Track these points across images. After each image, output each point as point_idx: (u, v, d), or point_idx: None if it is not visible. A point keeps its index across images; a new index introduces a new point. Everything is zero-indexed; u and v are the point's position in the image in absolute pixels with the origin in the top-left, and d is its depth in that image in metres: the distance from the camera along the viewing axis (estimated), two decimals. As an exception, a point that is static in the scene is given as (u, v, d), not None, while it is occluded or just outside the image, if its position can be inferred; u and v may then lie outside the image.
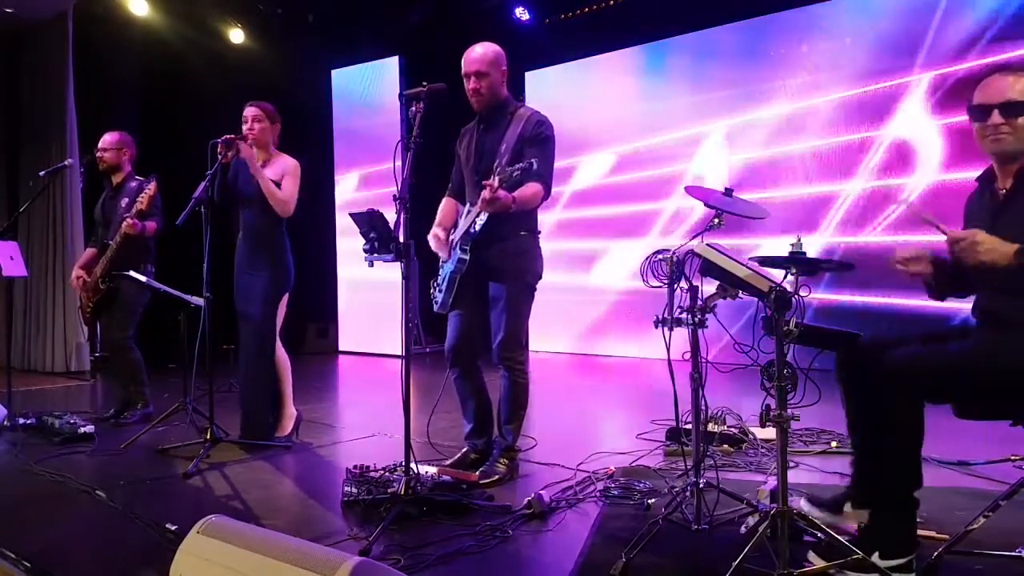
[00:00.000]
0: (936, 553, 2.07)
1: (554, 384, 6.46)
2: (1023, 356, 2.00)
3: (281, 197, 3.77)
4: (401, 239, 2.66)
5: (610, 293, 7.84)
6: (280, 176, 3.83)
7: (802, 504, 2.30)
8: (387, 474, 2.85)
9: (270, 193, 3.73)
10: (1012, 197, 2.16)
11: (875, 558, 2.01)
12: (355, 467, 2.91)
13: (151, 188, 4.30)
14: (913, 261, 2.29)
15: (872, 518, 2.16)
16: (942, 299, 2.35)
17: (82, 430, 3.99)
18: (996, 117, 2.15)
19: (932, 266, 2.28)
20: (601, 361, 7.67)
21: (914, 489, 2.08)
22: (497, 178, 2.85)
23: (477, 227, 3.09)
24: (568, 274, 8.06)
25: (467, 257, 3.14)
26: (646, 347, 7.39)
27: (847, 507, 2.39)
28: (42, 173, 4.81)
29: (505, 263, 3.16)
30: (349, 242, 8.62)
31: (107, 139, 4.64)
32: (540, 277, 3.29)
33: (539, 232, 3.31)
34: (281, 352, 3.91)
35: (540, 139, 3.14)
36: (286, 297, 3.89)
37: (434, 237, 3.32)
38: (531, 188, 3.04)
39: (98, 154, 4.62)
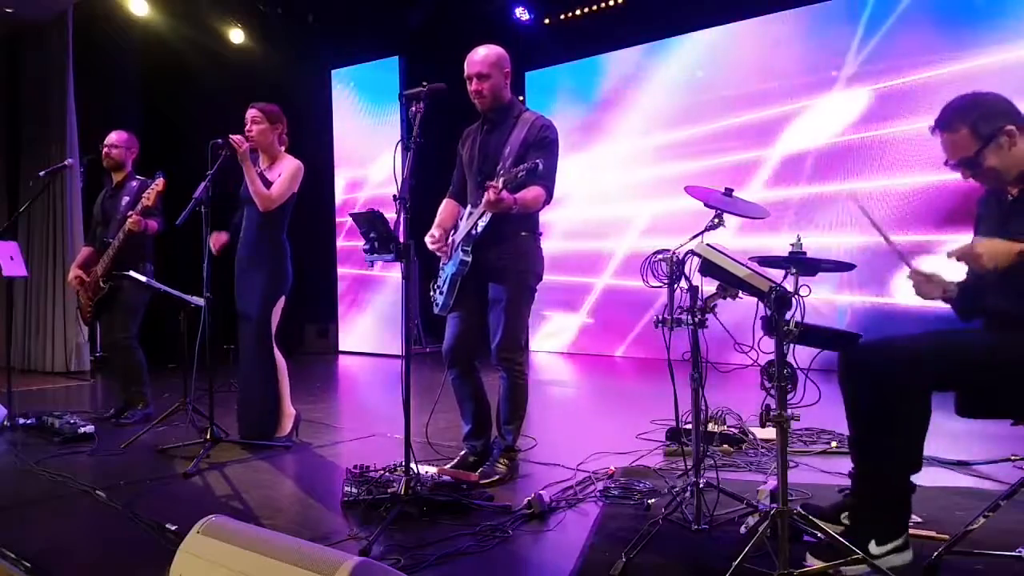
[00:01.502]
0: (936, 553, 2.08)
1: (554, 384, 6.46)
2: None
3: (264, 192, 3.72)
4: (401, 239, 2.66)
5: (612, 292, 7.84)
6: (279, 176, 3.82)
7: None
8: (387, 474, 2.85)
9: (254, 187, 3.70)
10: (1019, 203, 2.16)
11: (871, 546, 2.03)
12: (355, 467, 2.91)
13: (159, 184, 4.24)
14: (928, 282, 2.28)
15: (870, 504, 2.16)
16: (968, 321, 2.34)
17: (82, 430, 3.99)
18: (964, 172, 2.19)
19: (954, 290, 2.28)
20: (601, 361, 7.67)
21: (912, 473, 2.11)
22: (501, 179, 2.85)
23: (479, 229, 3.08)
24: (569, 273, 8.07)
25: (469, 259, 3.13)
26: (646, 347, 7.40)
27: (844, 517, 2.39)
28: (42, 173, 4.80)
29: (506, 264, 3.16)
30: (349, 242, 8.63)
31: (116, 137, 4.64)
32: (541, 278, 3.29)
33: (540, 233, 3.30)
34: (276, 353, 3.90)
35: (544, 143, 3.14)
36: (283, 300, 3.88)
37: (430, 236, 3.29)
38: (533, 191, 3.04)
39: (105, 149, 4.62)
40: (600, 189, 7.95)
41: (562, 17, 8.07)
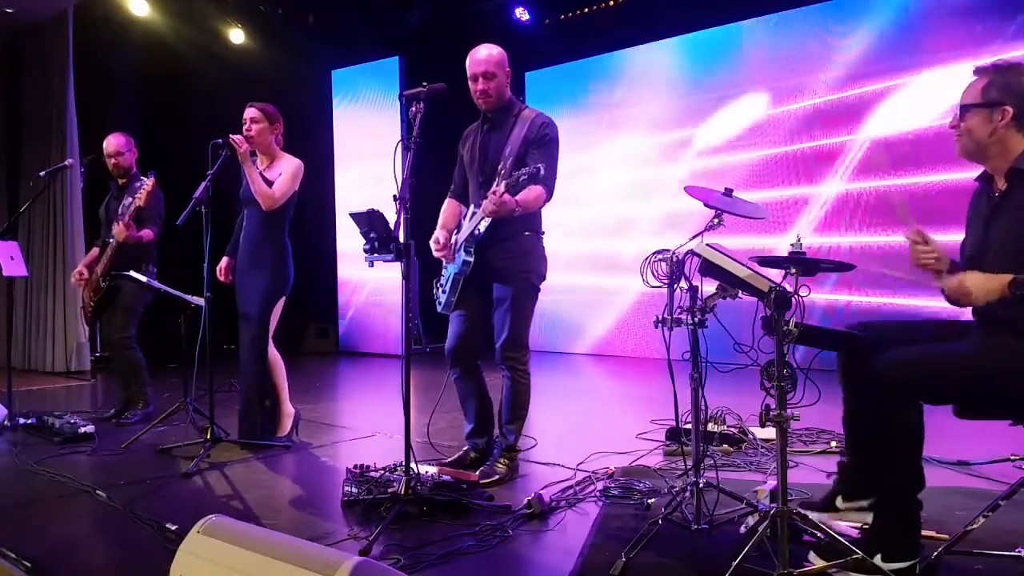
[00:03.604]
0: (936, 553, 2.07)
1: (554, 384, 6.46)
2: (1021, 356, 2.00)
3: (267, 191, 3.72)
4: (401, 239, 2.67)
5: (610, 293, 7.84)
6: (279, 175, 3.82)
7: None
8: (387, 474, 2.85)
9: (257, 187, 3.70)
10: (1005, 199, 2.15)
11: (878, 560, 2.00)
12: (355, 467, 2.91)
13: (149, 183, 4.26)
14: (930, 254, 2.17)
15: (875, 520, 2.15)
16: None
17: (82, 430, 3.99)
18: (955, 119, 2.19)
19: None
20: (601, 361, 7.66)
21: (916, 491, 2.07)
22: (504, 183, 2.85)
23: (481, 230, 3.09)
24: (569, 274, 8.07)
25: (471, 259, 3.13)
26: (646, 347, 7.40)
27: (839, 502, 2.40)
28: (42, 173, 4.79)
29: (509, 264, 3.16)
30: (349, 242, 8.62)
31: (115, 142, 4.61)
32: (544, 277, 3.29)
33: (543, 233, 3.31)
34: (273, 353, 3.89)
35: (545, 141, 3.14)
36: (283, 300, 3.88)
37: (435, 241, 3.27)
38: (534, 191, 3.04)
39: (112, 160, 4.60)
40: (601, 190, 7.94)
41: (562, 17, 8.06)
